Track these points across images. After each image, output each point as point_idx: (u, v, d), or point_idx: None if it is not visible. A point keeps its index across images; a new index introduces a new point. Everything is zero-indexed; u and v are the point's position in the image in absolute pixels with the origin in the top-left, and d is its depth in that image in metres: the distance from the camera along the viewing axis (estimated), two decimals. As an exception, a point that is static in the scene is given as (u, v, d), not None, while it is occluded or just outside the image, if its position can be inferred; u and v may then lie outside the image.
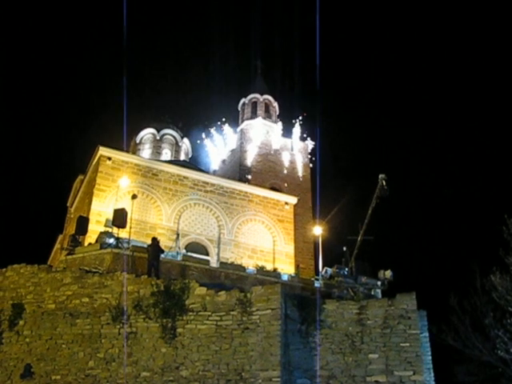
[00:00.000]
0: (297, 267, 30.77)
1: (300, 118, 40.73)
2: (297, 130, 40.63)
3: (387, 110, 71.80)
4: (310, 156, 40.43)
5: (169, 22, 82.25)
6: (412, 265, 39.18)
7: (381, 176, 24.03)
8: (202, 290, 18.94)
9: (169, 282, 19.36)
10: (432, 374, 21.46)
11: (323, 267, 26.53)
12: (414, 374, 18.03)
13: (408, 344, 18.46)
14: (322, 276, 25.67)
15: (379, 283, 23.14)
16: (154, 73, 74.17)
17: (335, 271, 23.58)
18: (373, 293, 23.70)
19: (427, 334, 21.72)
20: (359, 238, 23.91)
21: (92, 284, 19.79)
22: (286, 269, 28.72)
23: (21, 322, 19.47)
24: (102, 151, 28.39)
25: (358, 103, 72.77)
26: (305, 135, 40.77)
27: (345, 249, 25.95)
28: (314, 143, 40.64)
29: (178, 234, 26.43)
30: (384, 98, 71.96)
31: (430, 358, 21.74)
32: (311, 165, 40.05)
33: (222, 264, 25.06)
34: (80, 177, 33.48)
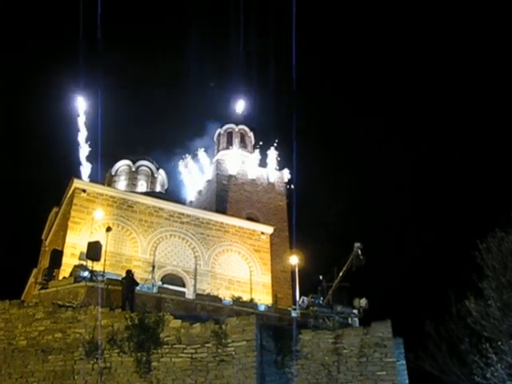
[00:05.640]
0: (274, 297, 30.64)
1: (274, 147, 41.01)
2: (272, 159, 40.88)
3: (366, 137, 72.52)
4: (286, 185, 40.63)
5: (142, 47, 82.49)
6: (387, 292, 39.20)
7: (356, 245, 23.61)
8: (177, 323, 18.76)
9: (143, 315, 19.17)
10: (410, 402, 21.37)
11: (300, 297, 26.47)
12: (391, 402, 18.01)
13: (384, 372, 18.45)
14: (299, 305, 25.58)
15: (355, 311, 23.12)
16: (127, 102, 74.09)
17: (311, 301, 23.53)
18: (350, 321, 23.63)
19: (404, 362, 21.63)
20: (334, 284, 23.78)
21: (65, 319, 19.48)
22: (264, 299, 28.58)
23: (-10, 361, 19.03)
24: (77, 183, 28.29)
25: (338, 132, 73.50)
26: (281, 165, 41.07)
27: (321, 277, 25.91)
28: (289, 172, 40.87)
29: (153, 266, 26.21)
30: (364, 125, 72.74)
31: (408, 385, 21.67)
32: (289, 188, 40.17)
33: (198, 296, 24.91)
34: (55, 209, 33.20)
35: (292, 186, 40.28)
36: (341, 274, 23.58)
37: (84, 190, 28.17)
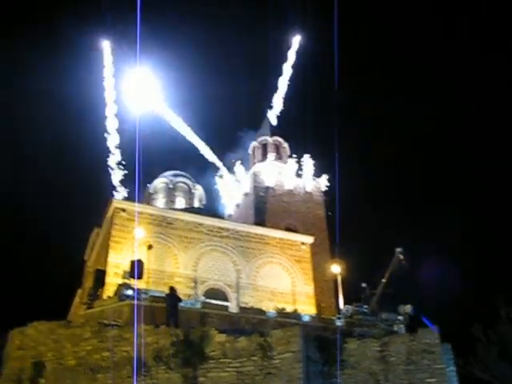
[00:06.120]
0: (318, 307, 30.42)
1: (310, 156, 40.92)
2: (308, 168, 40.76)
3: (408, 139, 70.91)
4: (323, 194, 40.38)
5: (175, 58, 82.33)
6: (433, 297, 38.47)
7: (398, 250, 23.41)
8: (222, 337, 18.81)
9: (188, 330, 19.27)
10: (462, 409, 20.88)
11: (344, 305, 26.27)
12: (442, 409, 17.65)
13: (434, 379, 18.13)
14: (343, 314, 25.37)
15: (400, 318, 22.80)
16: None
17: (355, 309, 23.32)
18: (396, 328, 23.33)
19: (453, 368, 21.13)
20: (378, 291, 23.57)
21: (111, 337, 19.72)
22: (307, 309, 28.43)
23: (42, 381, 19.35)
24: (116, 203, 28.73)
25: (375, 137, 72.14)
26: (316, 169, 40.85)
27: (364, 285, 25.68)
28: (327, 180, 40.60)
29: (195, 282, 26.37)
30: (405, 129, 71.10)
31: (459, 392, 21.17)
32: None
33: (242, 309, 24.99)
34: (96, 230, 33.70)
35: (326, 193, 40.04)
36: (384, 280, 23.36)
37: (123, 210, 28.57)
